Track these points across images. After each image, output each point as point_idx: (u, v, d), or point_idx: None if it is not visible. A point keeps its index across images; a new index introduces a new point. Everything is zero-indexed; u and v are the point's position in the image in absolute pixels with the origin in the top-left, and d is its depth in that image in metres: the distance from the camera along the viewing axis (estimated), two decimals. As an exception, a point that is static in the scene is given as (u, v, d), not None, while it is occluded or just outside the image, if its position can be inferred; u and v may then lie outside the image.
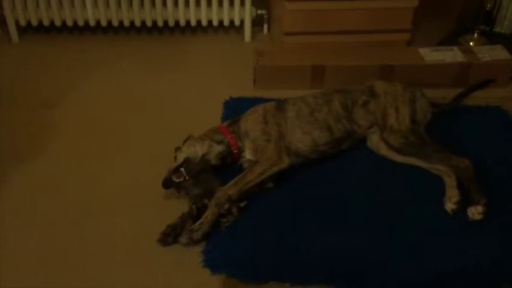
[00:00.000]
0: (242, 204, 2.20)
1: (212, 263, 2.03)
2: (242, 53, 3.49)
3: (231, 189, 2.19)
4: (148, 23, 3.50)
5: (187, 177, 2.25)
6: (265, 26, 3.67)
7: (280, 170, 2.31)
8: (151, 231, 2.15)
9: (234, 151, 2.39)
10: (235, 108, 2.83)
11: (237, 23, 3.54)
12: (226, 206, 2.15)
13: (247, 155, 2.41)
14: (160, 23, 3.50)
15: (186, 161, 2.29)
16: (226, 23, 3.52)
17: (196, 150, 2.34)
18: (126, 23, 3.50)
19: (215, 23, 3.52)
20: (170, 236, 2.12)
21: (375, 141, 2.55)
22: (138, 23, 3.51)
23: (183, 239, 2.09)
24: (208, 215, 2.13)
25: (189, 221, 2.17)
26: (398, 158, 2.49)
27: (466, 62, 3.02)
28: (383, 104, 2.52)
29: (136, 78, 3.23)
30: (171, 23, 3.51)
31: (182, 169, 2.27)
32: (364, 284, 1.97)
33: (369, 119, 2.51)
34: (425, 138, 2.45)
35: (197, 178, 2.27)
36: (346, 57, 3.04)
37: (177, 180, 2.25)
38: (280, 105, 2.51)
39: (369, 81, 2.65)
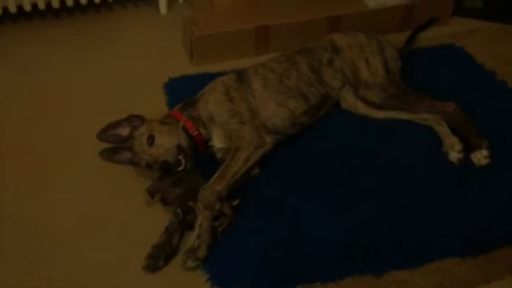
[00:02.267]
0: (235, 202, 1.83)
1: (221, 280, 1.65)
2: (162, 27, 3.03)
3: (217, 184, 1.80)
4: (41, 6, 2.87)
5: (186, 166, 1.88)
6: (180, -6, 3.22)
7: (266, 152, 1.96)
8: (133, 258, 1.71)
9: (193, 133, 1.99)
10: (179, 91, 2.42)
11: (148, -8, 3.05)
12: (217, 207, 1.77)
13: (217, 143, 2.03)
14: (55, 4, 2.88)
15: (179, 148, 1.90)
16: (136, -6, 3.02)
17: (171, 138, 1.91)
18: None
19: (123, -4, 3.00)
20: (160, 259, 1.70)
21: (350, 100, 2.29)
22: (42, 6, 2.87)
23: (189, 263, 1.68)
24: (202, 222, 1.73)
25: (176, 233, 1.76)
26: (380, 114, 2.26)
27: (409, 3, 2.85)
28: (349, 58, 2.26)
29: (48, 68, 2.67)
30: (70, 2, 2.91)
31: (181, 157, 1.88)
32: (390, 258, 1.72)
33: (338, 77, 2.24)
34: (404, 87, 2.24)
35: (175, 175, 1.85)
36: (289, 13, 2.72)
37: (178, 169, 1.87)
38: (242, 76, 2.14)
39: (327, 36, 2.37)
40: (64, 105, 2.43)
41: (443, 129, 2.14)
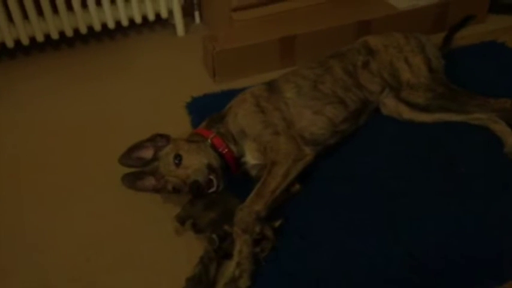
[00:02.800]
0: (277, 223, 1.60)
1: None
2: (180, 49, 2.88)
3: (255, 204, 1.59)
4: (54, 35, 2.75)
5: (219, 187, 1.67)
6: (197, 14, 3.07)
7: (306, 165, 1.74)
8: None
9: (223, 151, 1.78)
10: (203, 109, 2.21)
11: (164, 15, 2.90)
12: (257, 229, 1.54)
13: (251, 159, 1.82)
14: (69, 33, 2.76)
15: (210, 168, 1.69)
16: (151, 17, 2.87)
17: (200, 157, 1.71)
18: (24, 41, 2.72)
19: (138, 20, 2.86)
20: (197, 294, 1.47)
21: (392, 105, 2.07)
22: (53, 35, 2.74)
23: None
24: (241, 248, 1.50)
25: (213, 263, 1.53)
26: (427, 117, 2.03)
27: (443, 1, 2.65)
28: (386, 59, 2.06)
29: (68, 97, 2.51)
30: (83, 30, 2.78)
31: (213, 177, 1.66)
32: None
33: (376, 81, 2.03)
34: (452, 86, 2.02)
35: (208, 198, 1.64)
36: (314, 22, 2.54)
37: (210, 191, 1.66)
38: (272, 86, 1.95)
39: (360, 38, 2.18)
40: (83, 133, 2.26)
41: (502, 128, 1.90)
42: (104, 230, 1.77)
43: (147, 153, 1.84)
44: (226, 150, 1.78)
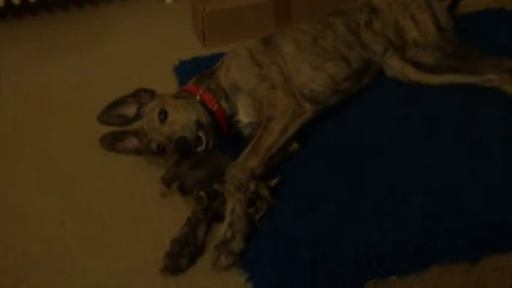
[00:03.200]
0: (273, 182, 1.43)
1: (265, 279, 1.24)
2: (168, 15, 2.71)
3: (250, 160, 1.42)
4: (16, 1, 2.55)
5: (208, 146, 1.49)
6: (186, -19, 2.90)
7: (305, 121, 1.58)
8: (149, 260, 1.33)
9: (213, 108, 1.61)
10: (192, 72, 1.99)
11: (151, -21, 2.73)
12: (252, 188, 1.37)
13: (244, 117, 1.66)
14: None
15: (199, 125, 1.51)
16: (137, -19, 2.70)
17: (188, 113, 1.53)
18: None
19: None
20: (182, 257, 1.30)
21: (397, 66, 1.91)
22: None
23: (223, 259, 1.28)
24: (234, 206, 1.34)
25: (201, 224, 1.37)
26: (435, 78, 1.87)
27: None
28: (391, 17, 1.90)
29: (51, 64, 2.31)
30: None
31: (201, 134, 1.49)
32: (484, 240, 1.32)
33: (379, 41, 1.88)
34: (463, 46, 1.87)
35: (195, 157, 1.47)
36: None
37: (198, 149, 1.49)
38: (267, 40, 1.78)
39: (360, -2, 2.03)
40: (65, 98, 2.08)
41: (516, 89, 1.75)
42: (80, 192, 1.60)
43: (130, 110, 1.67)
44: (216, 106, 1.61)
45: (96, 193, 1.59)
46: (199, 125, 1.52)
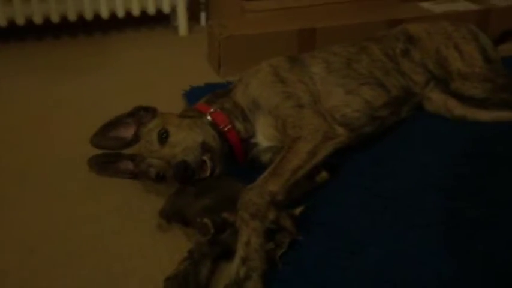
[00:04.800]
0: (298, 210, 1.15)
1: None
2: (182, 46, 2.53)
3: (270, 183, 1.14)
4: (37, 20, 2.38)
5: (214, 172, 1.23)
6: (203, 15, 2.74)
7: (337, 147, 1.30)
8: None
9: (224, 129, 1.35)
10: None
11: (166, 10, 2.56)
12: (271, 216, 1.09)
13: (263, 139, 1.39)
14: (55, 19, 2.40)
15: (204, 147, 1.25)
16: (151, 11, 2.53)
17: (193, 134, 1.28)
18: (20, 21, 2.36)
19: (136, 12, 2.51)
20: (179, 299, 0.99)
21: (439, 100, 1.68)
22: (38, 20, 2.38)
23: None
24: (249, 238, 1.04)
25: (205, 260, 1.07)
26: (485, 114, 1.63)
27: (483, 8, 2.34)
28: (431, 47, 1.69)
29: (56, 88, 2.07)
30: (72, 17, 2.43)
31: (206, 158, 1.22)
32: None
33: (419, 71, 1.66)
34: (515, 79, 1.63)
35: (200, 185, 1.20)
36: (338, 16, 2.20)
37: (202, 176, 1.22)
38: (294, 59, 1.55)
39: (399, 26, 1.83)
40: (61, 120, 1.83)
41: None
42: (60, 218, 1.31)
43: (127, 132, 1.41)
44: (229, 127, 1.35)
45: (79, 218, 1.30)
46: (204, 147, 1.26)
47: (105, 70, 2.24)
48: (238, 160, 1.39)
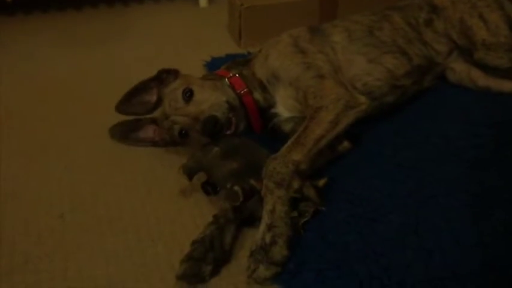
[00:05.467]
0: (321, 181, 1.16)
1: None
2: (202, 17, 2.53)
3: (294, 152, 1.15)
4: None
5: (238, 129, 1.28)
6: (223, -14, 2.73)
7: (359, 116, 1.31)
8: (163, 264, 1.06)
9: (241, 92, 1.37)
10: None
11: (186, -19, 2.56)
12: (295, 185, 1.11)
13: (283, 110, 1.40)
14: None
15: (229, 104, 1.29)
16: (171, -18, 2.54)
17: (217, 93, 1.31)
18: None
19: (156, -17, 2.52)
20: (206, 263, 1.02)
21: (462, 70, 1.66)
22: None
23: (261, 270, 1.00)
24: (274, 206, 1.07)
25: (230, 225, 1.10)
26: (509, 84, 1.61)
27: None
28: (456, 17, 1.65)
29: (77, 57, 2.10)
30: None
31: (232, 115, 1.27)
32: None
33: (442, 41, 1.63)
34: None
35: (226, 144, 1.22)
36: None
37: (228, 132, 1.26)
38: (315, 29, 1.54)
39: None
40: (87, 89, 1.86)
41: None
42: (86, 184, 1.35)
43: (151, 96, 1.44)
44: (246, 91, 1.37)
45: (105, 186, 1.34)
46: (229, 105, 1.29)
47: (126, 41, 2.26)
48: (254, 127, 1.40)
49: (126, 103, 1.46)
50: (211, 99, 1.28)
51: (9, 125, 1.64)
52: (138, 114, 1.47)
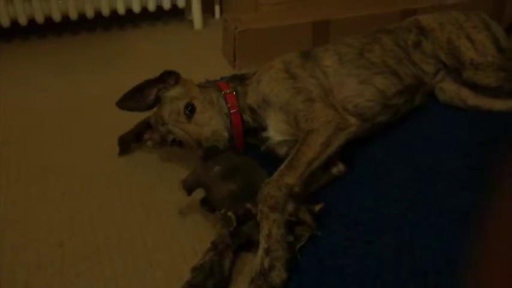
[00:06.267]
0: (317, 207, 1.19)
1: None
2: (197, 40, 2.56)
3: (287, 176, 1.18)
4: (56, 18, 2.44)
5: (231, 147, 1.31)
6: (217, 8, 2.77)
7: (351, 137, 1.34)
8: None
9: (231, 111, 1.44)
10: None
11: (181, 4, 2.60)
12: (290, 208, 1.13)
13: (276, 133, 1.44)
14: (73, 15, 2.45)
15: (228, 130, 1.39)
16: (166, 6, 2.57)
17: (218, 117, 1.39)
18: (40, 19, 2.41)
19: (151, 8, 2.55)
20: (204, 289, 1.04)
21: (452, 90, 1.70)
22: (56, 18, 2.43)
23: None
24: (270, 230, 1.09)
25: (228, 251, 1.11)
26: (498, 104, 1.65)
27: (498, -5, 2.34)
28: (443, 38, 1.70)
29: (70, 83, 2.13)
30: (90, 14, 2.48)
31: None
32: None
33: (430, 62, 1.68)
34: (530, 67, 1.65)
35: (227, 161, 1.24)
36: (351, 7, 2.21)
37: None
38: (307, 54, 1.58)
39: (410, 18, 1.84)
40: (83, 114, 1.88)
41: None
42: (86, 210, 1.36)
43: (150, 94, 1.50)
44: (234, 110, 1.43)
45: (103, 211, 1.35)
46: (228, 134, 1.37)
47: (123, 64, 2.28)
48: (237, 144, 1.44)
49: (127, 100, 1.50)
50: (211, 124, 1.35)
51: (7, 150, 1.65)
52: (135, 110, 1.51)
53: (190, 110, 1.34)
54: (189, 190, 1.22)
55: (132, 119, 1.57)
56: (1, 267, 1.19)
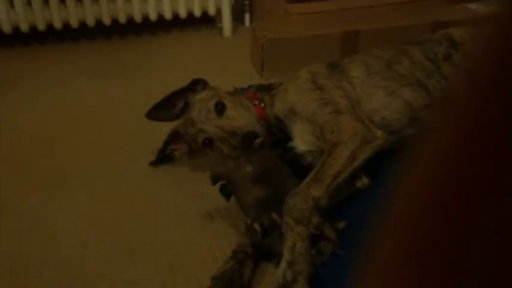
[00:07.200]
0: (341, 224, 1.18)
1: None
2: (226, 47, 2.59)
3: (313, 188, 1.18)
4: (90, 23, 2.50)
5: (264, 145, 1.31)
6: (247, 16, 2.79)
7: (377, 150, 1.33)
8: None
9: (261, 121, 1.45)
10: None
11: (211, 12, 2.63)
12: (315, 222, 1.13)
13: (301, 144, 1.44)
14: (106, 21, 2.51)
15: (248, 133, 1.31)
16: (197, 13, 2.60)
17: (250, 113, 1.43)
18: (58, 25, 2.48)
19: (183, 15, 2.59)
20: (222, 299, 1.05)
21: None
22: (90, 23, 2.50)
23: None
24: (295, 242, 1.08)
25: (249, 261, 1.12)
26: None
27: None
28: (474, 51, 1.66)
29: (96, 88, 2.17)
30: (122, 19, 2.53)
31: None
32: None
33: (461, 75, 1.64)
34: None
35: (260, 163, 1.25)
36: (381, 19, 2.20)
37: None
38: (334, 65, 1.58)
39: (442, 31, 1.82)
40: (109, 118, 1.92)
41: None
42: (111, 214, 1.39)
43: (180, 102, 1.53)
44: (263, 122, 1.45)
45: (128, 216, 1.37)
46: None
47: (151, 69, 2.32)
48: None
49: (156, 111, 1.53)
50: (244, 118, 1.37)
51: (34, 153, 1.70)
52: (165, 120, 1.54)
53: (220, 108, 1.36)
54: (215, 181, 1.23)
55: (159, 125, 1.59)
56: (30, 267, 1.21)
